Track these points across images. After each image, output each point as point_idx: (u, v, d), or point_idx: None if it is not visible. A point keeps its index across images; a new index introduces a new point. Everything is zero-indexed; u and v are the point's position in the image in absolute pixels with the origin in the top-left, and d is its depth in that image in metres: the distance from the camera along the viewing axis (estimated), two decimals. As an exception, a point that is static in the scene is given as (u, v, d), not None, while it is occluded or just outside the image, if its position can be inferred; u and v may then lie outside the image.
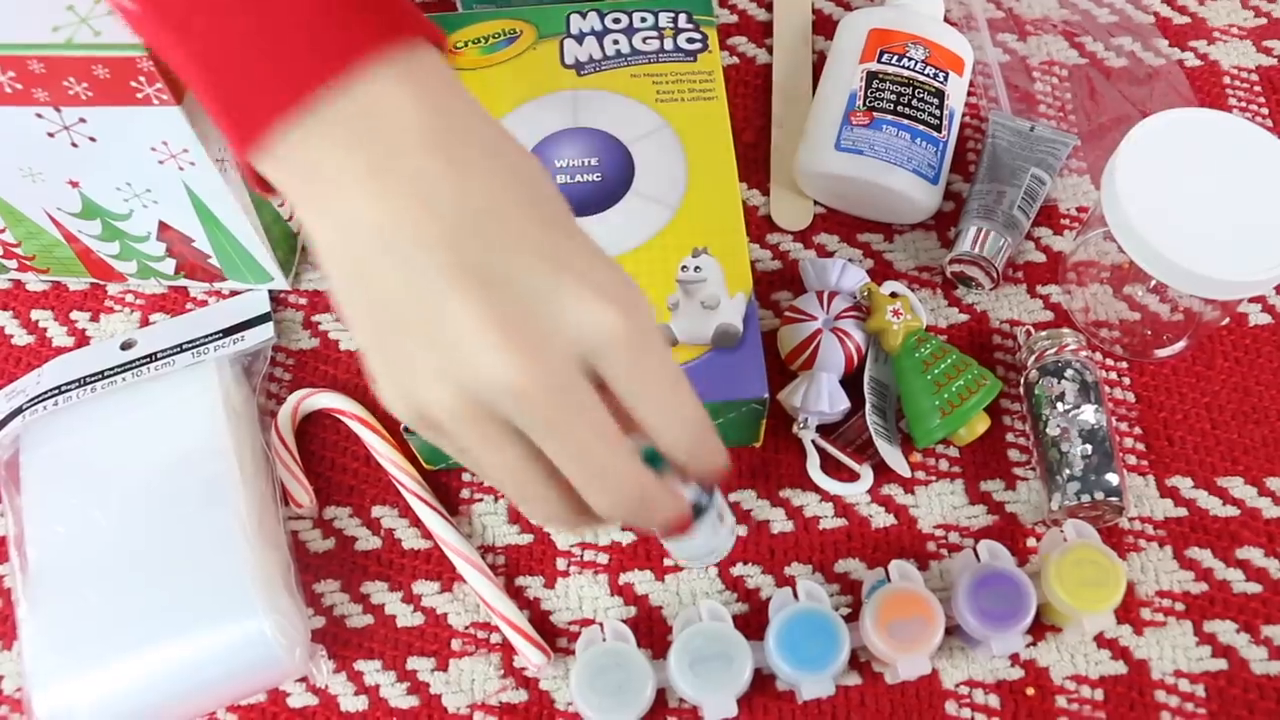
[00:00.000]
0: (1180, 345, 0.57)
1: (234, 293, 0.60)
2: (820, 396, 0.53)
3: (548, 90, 0.59)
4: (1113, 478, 0.51)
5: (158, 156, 0.49)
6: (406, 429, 0.51)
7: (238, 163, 0.36)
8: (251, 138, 0.35)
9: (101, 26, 0.44)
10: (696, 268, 0.53)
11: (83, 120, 0.48)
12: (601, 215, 0.55)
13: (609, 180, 0.56)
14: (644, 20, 0.61)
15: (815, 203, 0.63)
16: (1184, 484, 0.55)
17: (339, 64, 0.34)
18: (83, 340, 0.59)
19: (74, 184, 0.52)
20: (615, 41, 0.60)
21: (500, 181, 0.35)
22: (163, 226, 0.54)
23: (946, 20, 0.66)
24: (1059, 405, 0.53)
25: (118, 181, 0.51)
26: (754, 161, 0.64)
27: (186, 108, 0.47)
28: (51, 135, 0.48)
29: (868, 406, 0.54)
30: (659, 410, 0.36)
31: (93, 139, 0.49)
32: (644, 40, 0.60)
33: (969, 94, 0.65)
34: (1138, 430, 0.56)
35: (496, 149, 0.36)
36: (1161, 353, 0.57)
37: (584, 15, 0.61)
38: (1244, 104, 0.65)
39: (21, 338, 0.60)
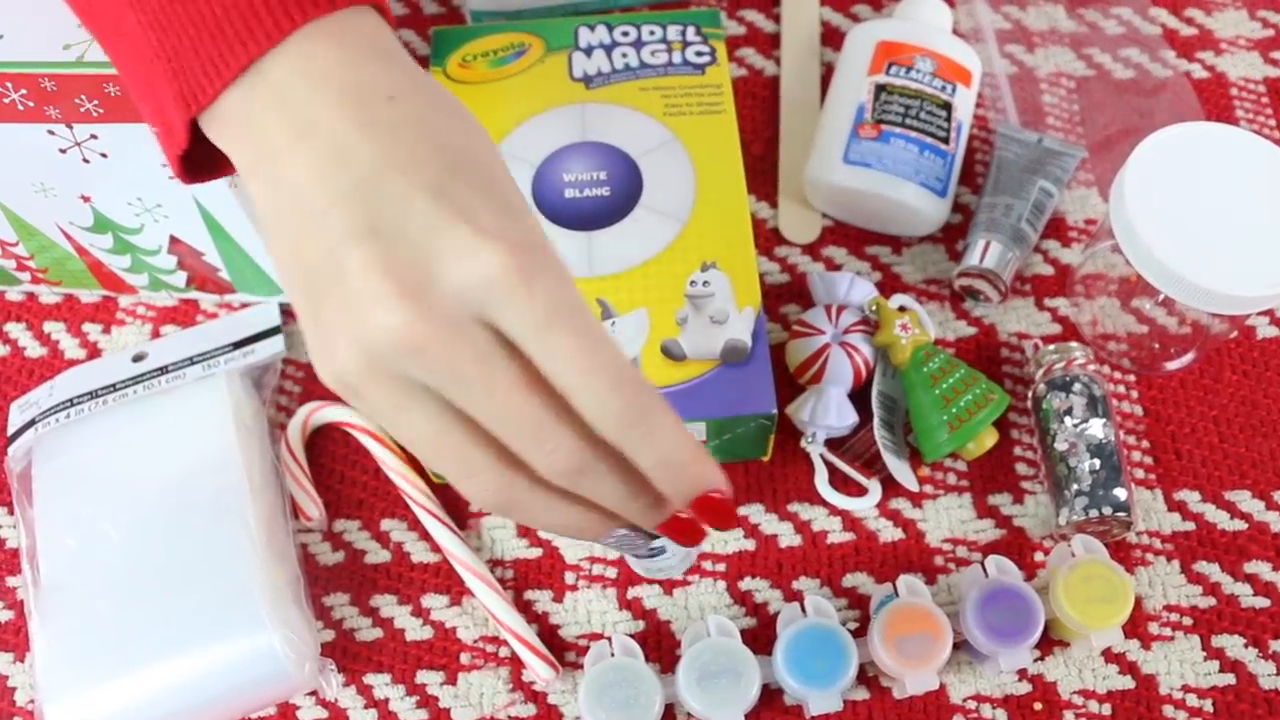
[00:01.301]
0: (1188, 358, 0.57)
1: (245, 305, 0.60)
2: (828, 411, 0.53)
3: (556, 104, 0.59)
4: (1120, 493, 0.52)
5: (168, 171, 0.50)
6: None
7: (169, 141, 0.37)
8: (201, 100, 0.35)
9: (113, 45, 0.44)
10: (705, 282, 0.53)
11: (94, 136, 0.48)
12: (610, 229, 0.55)
13: (617, 194, 0.56)
14: (652, 33, 0.61)
15: (823, 215, 0.63)
16: (1192, 497, 0.55)
17: (286, 24, 0.34)
18: (94, 352, 0.60)
19: (86, 199, 0.52)
20: (624, 55, 0.60)
21: (410, 136, 0.34)
22: (173, 240, 0.55)
23: (954, 32, 0.66)
24: (1067, 420, 0.53)
25: (129, 196, 0.52)
26: (762, 174, 0.64)
27: (198, 125, 0.47)
28: (63, 151, 0.49)
29: (876, 420, 0.54)
30: (568, 362, 0.33)
31: (104, 155, 0.49)
32: (652, 53, 0.60)
33: (977, 106, 0.66)
34: (1145, 444, 0.56)
35: (413, 108, 0.35)
36: (1169, 365, 0.58)
37: (592, 29, 0.61)
38: (1251, 115, 0.65)
39: (34, 350, 0.60)
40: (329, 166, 0.34)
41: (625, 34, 0.61)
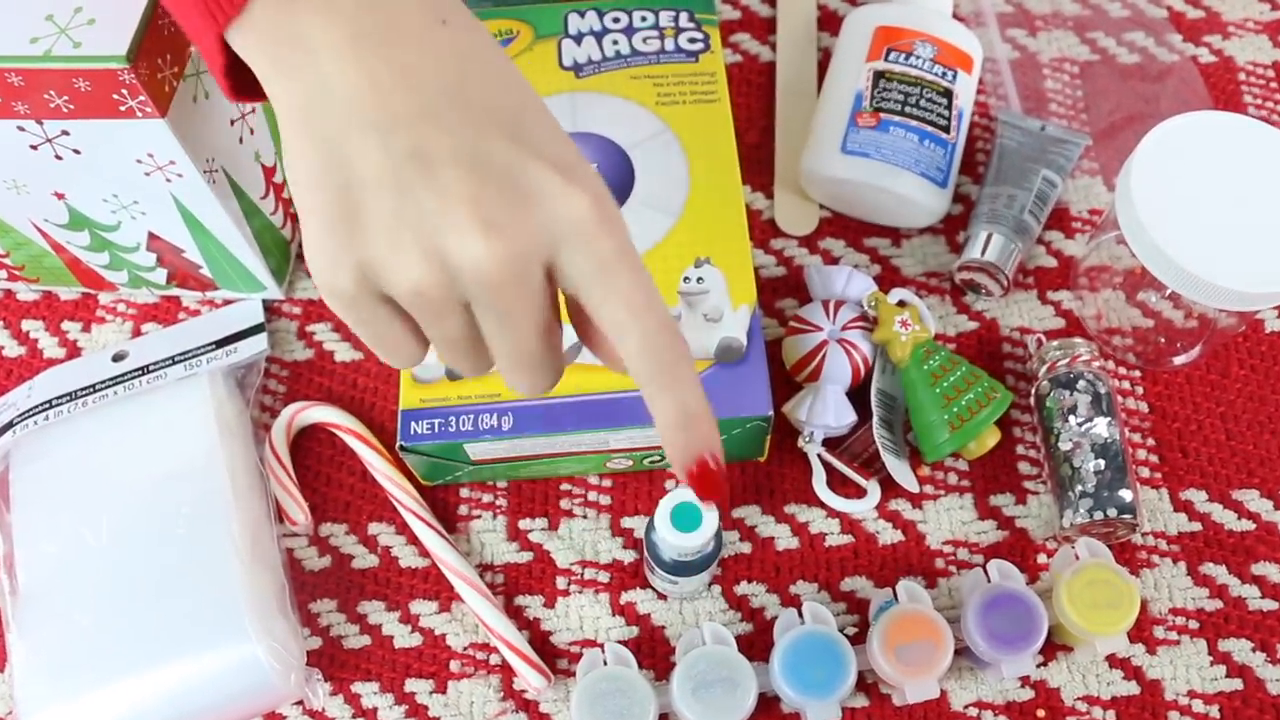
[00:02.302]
0: (1195, 353, 0.56)
1: (227, 301, 0.58)
2: (826, 410, 0.52)
3: (545, 93, 0.57)
4: (1126, 494, 0.50)
5: (144, 168, 0.48)
6: (402, 446, 0.49)
7: (209, 60, 0.36)
8: (229, 11, 0.34)
9: (81, 38, 0.43)
10: (699, 279, 0.52)
11: (65, 133, 0.46)
12: (601, 224, 0.53)
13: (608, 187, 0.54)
14: (644, 20, 0.59)
15: (821, 206, 0.61)
16: (1198, 497, 0.53)
17: None
18: (74, 351, 0.58)
19: (60, 196, 0.50)
20: (615, 42, 0.58)
21: (477, 69, 0.35)
22: (152, 237, 0.53)
23: (955, 16, 0.64)
24: (1071, 419, 0.52)
25: (104, 193, 0.50)
26: (758, 163, 0.63)
27: (172, 120, 0.45)
28: (34, 148, 0.47)
29: (875, 419, 0.53)
30: (625, 300, 0.34)
31: (77, 151, 0.47)
32: (644, 40, 0.58)
33: (978, 92, 0.64)
34: (1151, 441, 0.55)
35: (471, 38, 0.36)
36: (1176, 361, 0.56)
37: (583, 15, 0.59)
38: (1259, 101, 0.64)
39: (12, 349, 0.58)
40: (392, 81, 0.33)
41: (616, 20, 0.59)
